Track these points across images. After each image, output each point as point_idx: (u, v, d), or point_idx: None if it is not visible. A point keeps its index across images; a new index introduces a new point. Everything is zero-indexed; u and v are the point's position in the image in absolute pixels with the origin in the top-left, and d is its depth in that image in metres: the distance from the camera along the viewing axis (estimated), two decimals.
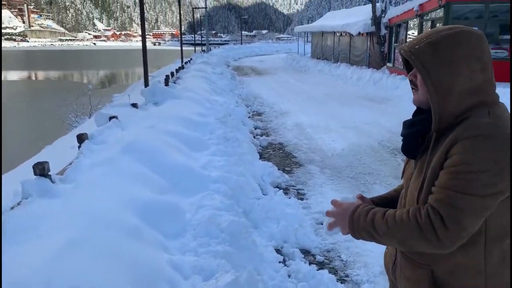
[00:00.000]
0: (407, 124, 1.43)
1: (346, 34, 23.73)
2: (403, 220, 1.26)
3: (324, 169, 6.54)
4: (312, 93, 15.51)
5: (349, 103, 12.79)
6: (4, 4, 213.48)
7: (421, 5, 15.47)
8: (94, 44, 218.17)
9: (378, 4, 20.03)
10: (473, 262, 1.26)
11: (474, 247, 1.25)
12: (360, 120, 10.14)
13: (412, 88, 1.38)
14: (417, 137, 1.39)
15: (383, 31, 19.58)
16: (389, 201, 1.59)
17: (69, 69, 55.09)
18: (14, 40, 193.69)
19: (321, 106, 12.47)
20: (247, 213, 4.30)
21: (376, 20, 19.47)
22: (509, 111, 1.34)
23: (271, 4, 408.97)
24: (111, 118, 5.08)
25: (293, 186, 5.83)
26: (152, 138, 4.78)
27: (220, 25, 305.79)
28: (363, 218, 1.34)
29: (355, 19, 22.51)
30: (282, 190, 5.43)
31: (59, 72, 50.40)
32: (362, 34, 21.35)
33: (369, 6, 20.74)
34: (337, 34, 25.66)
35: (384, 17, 19.56)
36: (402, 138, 1.44)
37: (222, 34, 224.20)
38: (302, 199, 5.27)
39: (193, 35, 54.19)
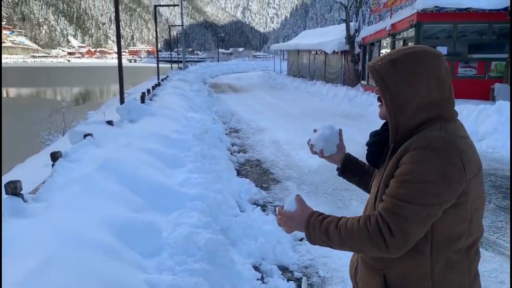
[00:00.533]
0: (372, 135, 1.55)
1: (321, 53, 24.16)
2: (354, 229, 1.32)
3: (301, 185, 6.58)
4: (288, 110, 15.67)
5: (325, 120, 12.86)
6: None
7: (393, 25, 15.95)
8: (68, 61, 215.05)
9: (352, 24, 20.54)
10: (420, 267, 1.34)
11: (421, 254, 1.32)
12: None
13: (379, 103, 1.46)
14: (378, 146, 1.49)
15: (357, 50, 20.05)
16: (360, 165, 1.75)
17: (41, 86, 54.02)
18: None
19: (297, 123, 12.60)
20: (224, 230, 4.28)
21: (350, 39, 19.93)
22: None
23: (247, 23, 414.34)
24: (85, 135, 4.99)
25: (271, 202, 5.84)
26: (128, 155, 4.72)
27: (196, 43, 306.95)
28: (318, 228, 1.40)
29: (329, 38, 22.98)
30: (259, 207, 5.43)
31: (31, 89, 49.35)
32: (337, 53, 21.79)
33: (343, 25, 21.25)
34: (313, 53, 26.11)
35: (358, 36, 20.05)
36: (366, 147, 1.54)
37: (198, 52, 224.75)
38: None
39: (169, 52, 54.19)
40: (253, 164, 8.06)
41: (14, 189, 2.91)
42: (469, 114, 9.64)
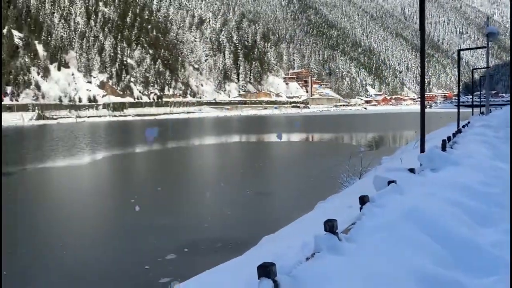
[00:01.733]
0: None
1: None
2: None
3: None
4: None
5: None
6: (293, 77, 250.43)
7: None
8: (365, 108, 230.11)
9: None
10: None
11: None
12: None
13: None
14: None
15: None
16: None
17: (341, 132, 59.73)
18: (298, 107, 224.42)
19: None
20: None
21: None
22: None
23: None
24: (389, 182, 5.14)
25: None
26: (432, 206, 4.55)
27: (502, 84, 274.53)
28: None
29: None
30: None
31: (333, 134, 55.17)
32: None
33: None
34: None
35: None
36: None
37: (504, 94, 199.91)
38: None
39: (467, 97, 50.44)
40: None
41: (331, 227, 3.25)
42: None
